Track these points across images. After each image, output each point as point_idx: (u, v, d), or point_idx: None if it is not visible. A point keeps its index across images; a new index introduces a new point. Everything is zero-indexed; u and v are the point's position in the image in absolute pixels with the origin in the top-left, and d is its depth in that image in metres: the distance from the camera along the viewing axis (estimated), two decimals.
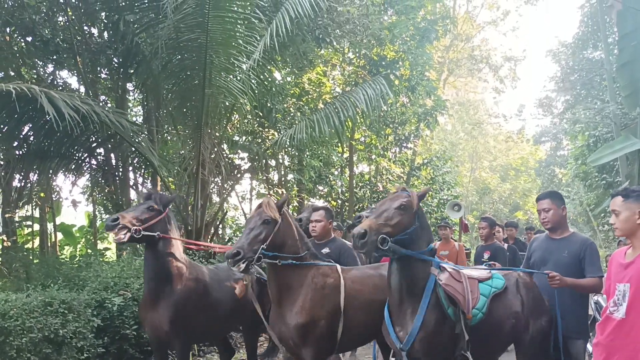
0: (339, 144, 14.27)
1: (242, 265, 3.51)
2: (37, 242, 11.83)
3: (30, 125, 7.72)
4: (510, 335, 3.59)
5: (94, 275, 6.69)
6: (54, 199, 12.09)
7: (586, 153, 21.95)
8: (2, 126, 7.35)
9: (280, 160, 14.36)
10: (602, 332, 2.84)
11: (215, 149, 9.74)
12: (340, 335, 3.80)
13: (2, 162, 8.77)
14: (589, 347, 5.03)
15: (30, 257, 9.43)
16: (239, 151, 12.85)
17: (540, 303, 3.76)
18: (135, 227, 4.09)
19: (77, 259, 8.97)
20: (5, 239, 9.26)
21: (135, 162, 10.29)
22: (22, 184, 9.33)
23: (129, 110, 11.82)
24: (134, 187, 10.72)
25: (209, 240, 9.98)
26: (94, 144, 9.02)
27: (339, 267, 4.05)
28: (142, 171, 10.97)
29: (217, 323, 4.84)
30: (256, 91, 9.49)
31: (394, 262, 3.24)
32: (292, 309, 3.73)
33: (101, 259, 8.24)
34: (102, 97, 11.18)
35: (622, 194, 2.88)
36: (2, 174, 8.57)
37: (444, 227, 8.23)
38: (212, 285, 4.73)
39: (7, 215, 9.30)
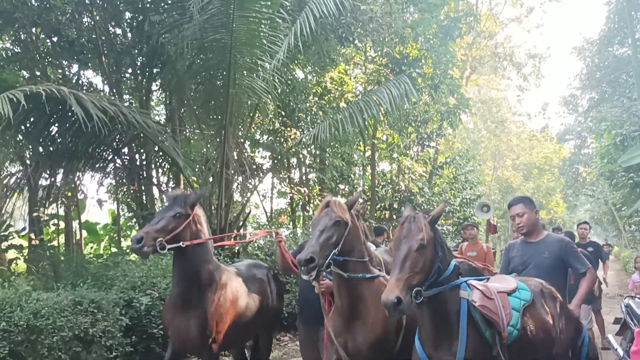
0: (362, 143, 14.21)
1: (314, 273, 3.19)
2: (61, 239, 11.98)
3: (58, 126, 7.81)
4: (544, 350, 3.33)
5: (121, 275, 6.74)
6: (79, 197, 12.25)
7: (612, 152, 21.55)
8: (31, 127, 7.46)
9: (302, 159, 14.34)
10: None
11: (239, 149, 9.77)
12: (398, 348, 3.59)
13: (32, 163, 8.88)
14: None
15: (59, 256, 9.52)
16: (261, 150, 12.88)
17: (568, 312, 3.62)
18: (159, 240, 3.90)
19: (103, 258, 9.06)
20: (33, 237, 9.39)
21: (159, 162, 10.36)
22: (50, 182, 9.43)
23: (152, 110, 11.90)
24: (158, 186, 10.80)
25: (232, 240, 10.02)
26: (120, 144, 9.11)
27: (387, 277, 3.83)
28: (166, 170, 11.05)
29: (244, 329, 4.70)
30: (279, 90, 9.49)
31: None
32: (367, 322, 3.48)
33: (127, 258, 8.29)
34: (126, 97, 11.28)
35: None
36: (31, 173, 8.68)
37: (472, 227, 8.01)
38: (241, 290, 4.59)
39: (34, 214, 9.43)
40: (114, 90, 10.04)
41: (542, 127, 38.75)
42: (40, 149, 8.25)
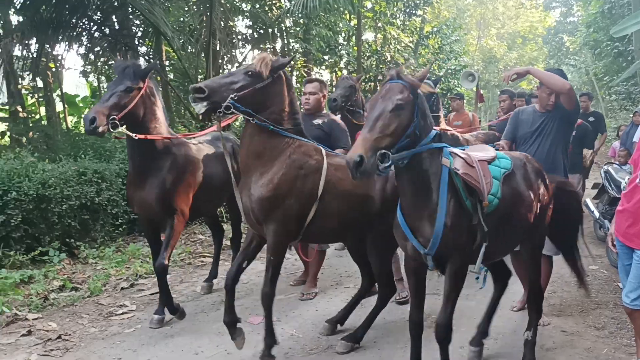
0: (349, 12, 13.78)
1: (202, 107, 3.08)
2: (42, 112, 11.89)
3: None
4: (521, 220, 3.23)
5: (120, 147, 6.83)
6: (60, 70, 11.98)
7: (599, 20, 21.26)
8: None
9: (286, 29, 13.90)
10: (629, 200, 3.02)
11: (225, 17, 9.46)
12: (310, 222, 3.48)
13: (18, 34, 8.51)
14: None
15: (49, 129, 9.47)
16: (245, 20, 12.42)
17: (547, 190, 3.52)
18: (112, 118, 3.69)
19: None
20: (20, 109, 9.28)
21: (143, 32, 10.02)
22: (33, 54, 9.13)
23: None
24: (143, 57, 10.55)
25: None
26: (104, 14, 8.74)
27: (324, 150, 3.62)
28: (149, 40, 10.72)
29: (208, 199, 4.63)
30: None
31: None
32: (259, 181, 3.38)
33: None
34: None
35: None
36: (16, 43, 8.35)
37: (456, 99, 8.09)
38: (200, 161, 4.46)
39: (19, 86, 9.25)
40: None
41: None
42: (21, 18, 7.88)
